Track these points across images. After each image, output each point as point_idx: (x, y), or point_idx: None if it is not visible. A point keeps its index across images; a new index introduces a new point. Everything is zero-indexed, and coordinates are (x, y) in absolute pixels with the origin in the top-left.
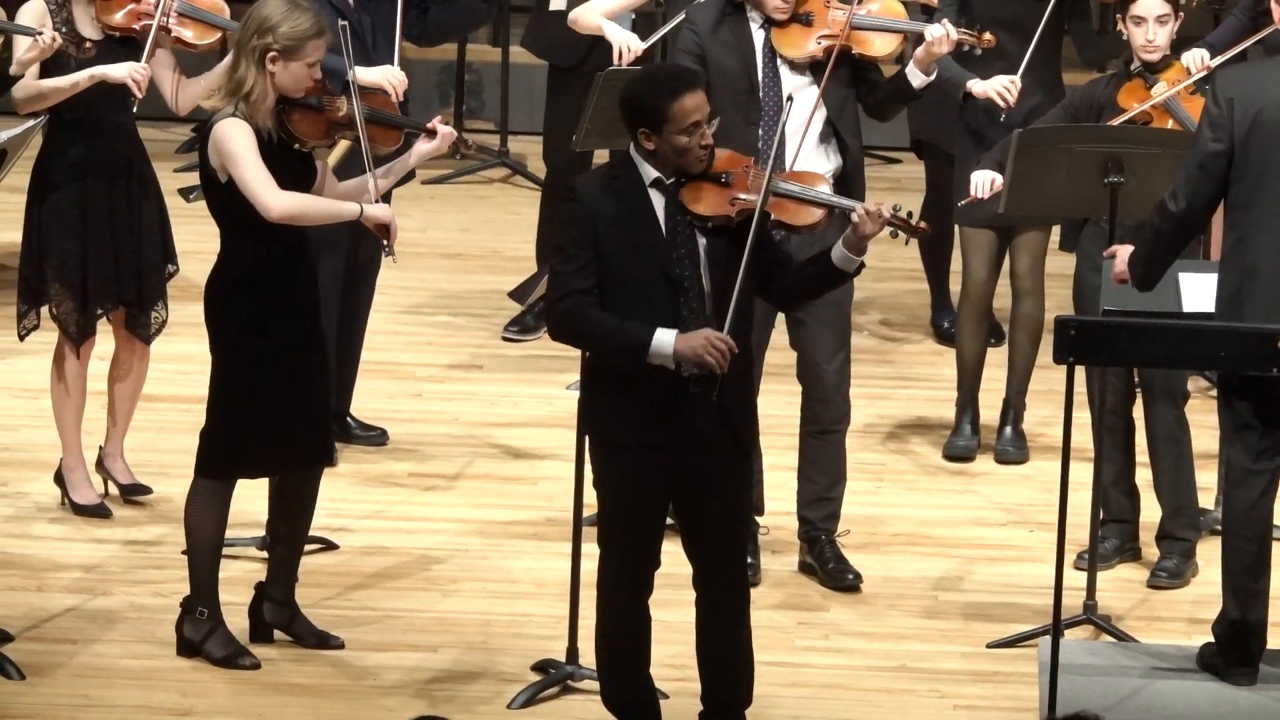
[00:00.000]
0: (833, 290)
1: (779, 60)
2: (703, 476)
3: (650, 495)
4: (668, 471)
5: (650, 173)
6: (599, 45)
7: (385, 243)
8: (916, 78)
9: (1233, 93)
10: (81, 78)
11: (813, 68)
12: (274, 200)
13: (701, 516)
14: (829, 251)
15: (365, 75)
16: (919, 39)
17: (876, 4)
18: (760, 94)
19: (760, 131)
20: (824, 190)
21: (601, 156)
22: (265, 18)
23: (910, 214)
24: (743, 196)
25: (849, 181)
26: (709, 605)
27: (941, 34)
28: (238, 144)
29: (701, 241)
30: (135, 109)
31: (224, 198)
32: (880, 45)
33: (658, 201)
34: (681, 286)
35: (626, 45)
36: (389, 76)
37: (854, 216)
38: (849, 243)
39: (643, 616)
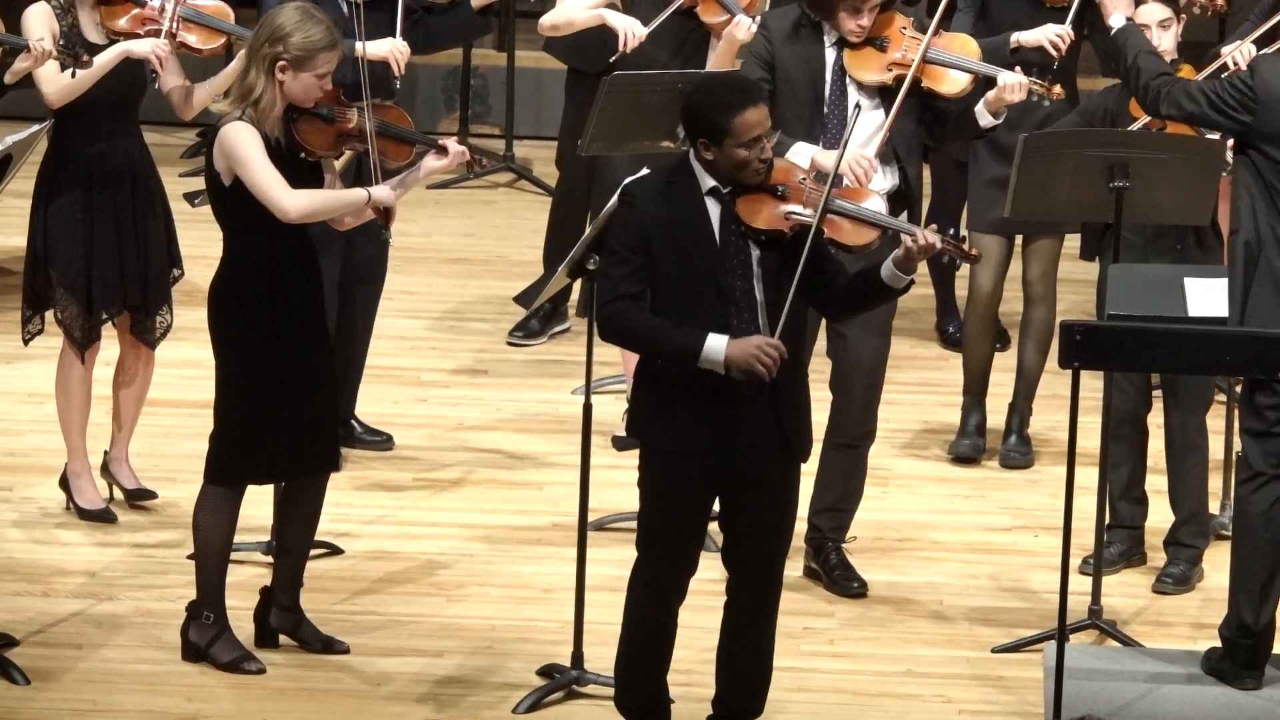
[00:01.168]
0: (880, 305)
1: (848, 80)
2: (750, 482)
3: (693, 500)
4: (713, 477)
5: (707, 181)
6: (626, 51)
7: (384, 227)
8: (984, 119)
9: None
10: (109, 57)
11: (881, 92)
12: (289, 201)
13: (745, 522)
14: (878, 268)
15: (372, 48)
16: (989, 82)
17: (949, 38)
18: (825, 110)
19: (821, 147)
20: (879, 209)
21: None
22: (278, 26)
23: (964, 238)
24: (798, 212)
25: (905, 201)
26: (738, 610)
27: (1015, 82)
28: (247, 147)
29: (754, 253)
30: (155, 84)
31: (228, 200)
32: (950, 83)
33: (713, 210)
34: (732, 297)
35: (630, 31)
36: (394, 48)
37: (907, 241)
38: (898, 262)
39: (671, 623)
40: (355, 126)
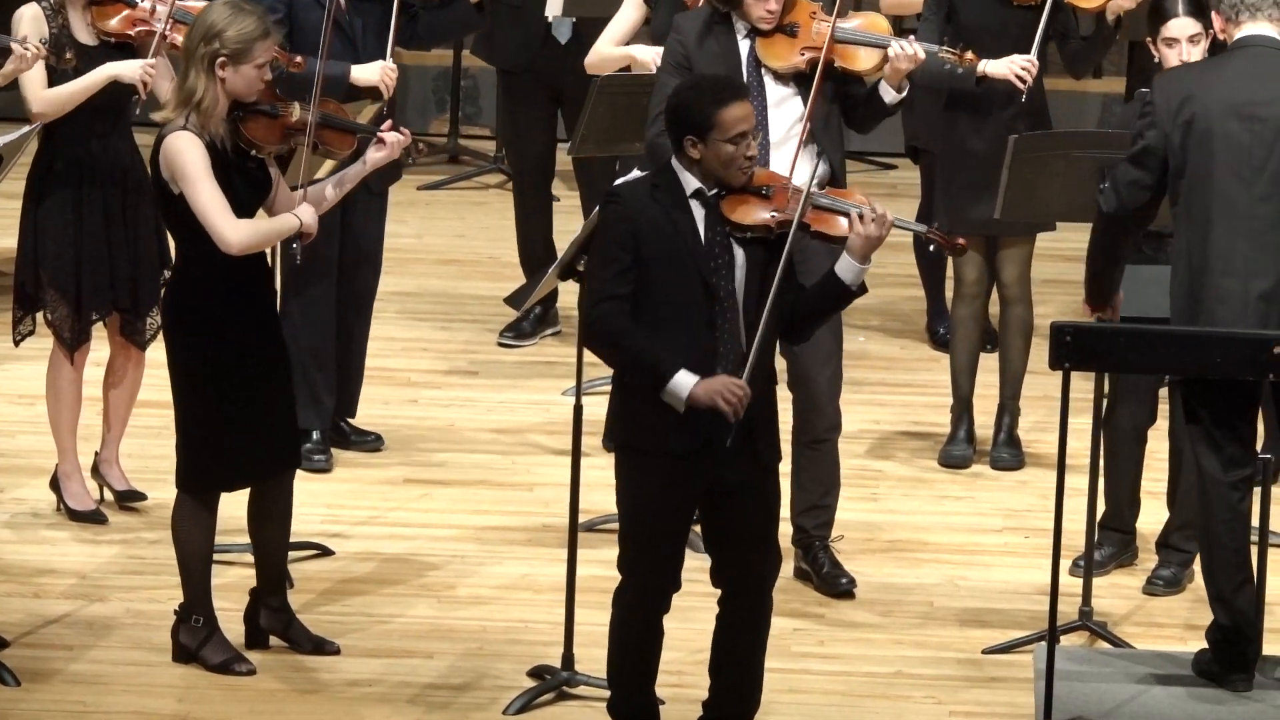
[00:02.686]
0: (840, 310)
1: (763, 70)
2: (729, 489)
3: (674, 506)
4: (693, 483)
5: (692, 183)
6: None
7: (295, 244)
8: (888, 94)
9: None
10: (97, 78)
11: (796, 79)
12: (232, 235)
13: (727, 530)
14: (834, 270)
15: (360, 73)
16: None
17: (860, 19)
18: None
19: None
20: (863, 205)
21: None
22: (211, 24)
23: (949, 231)
24: (782, 209)
25: None
26: (730, 620)
27: (901, 51)
28: (192, 165)
29: (738, 252)
30: (138, 110)
31: (179, 208)
32: (864, 60)
33: (698, 212)
34: (717, 295)
35: (658, 60)
36: (384, 72)
37: (854, 213)
38: (853, 247)
39: (657, 634)
40: (299, 120)
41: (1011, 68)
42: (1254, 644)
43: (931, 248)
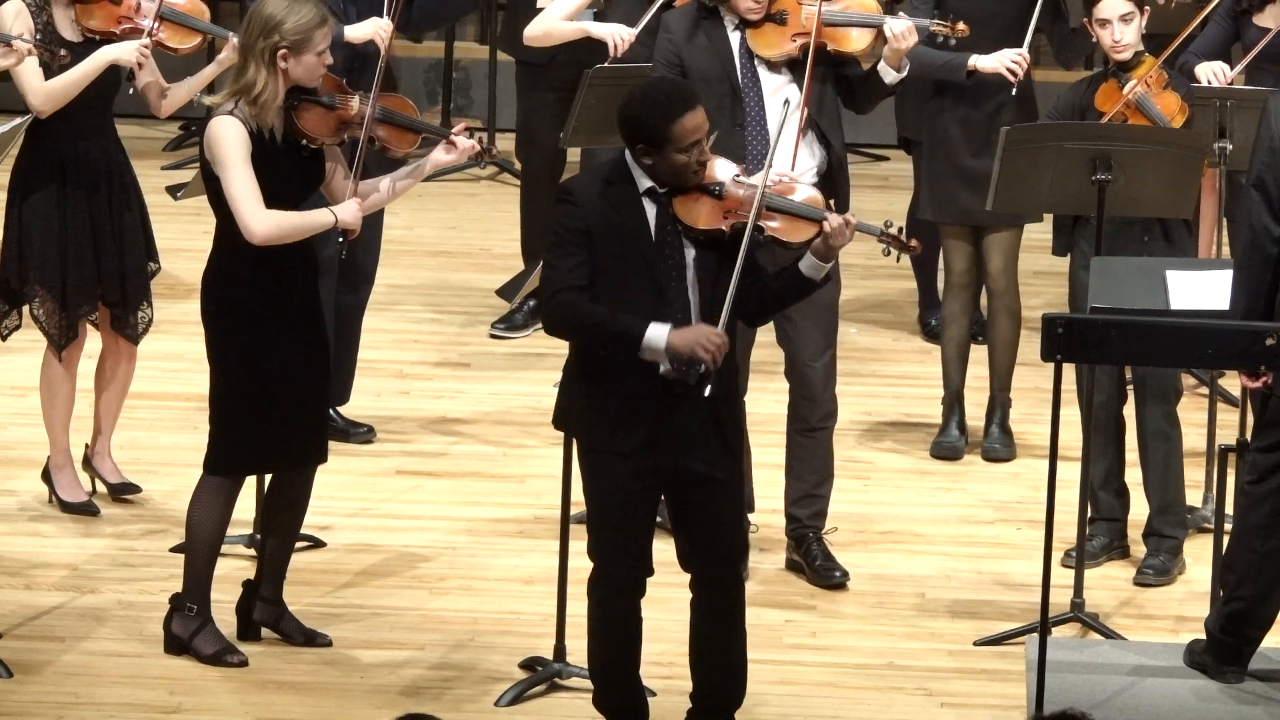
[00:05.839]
0: (803, 299)
1: (756, 61)
2: (693, 478)
3: (637, 499)
4: (655, 475)
5: (644, 182)
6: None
7: (341, 239)
8: (888, 74)
9: None
10: (94, 65)
11: (790, 66)
12: (257, 224)
13: (694, 519)
14: (797, 262)
15: (354, 32)
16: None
17: (847, 0)
18: (743, 96)
19: (746, 134)
20: (811, 195)
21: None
22: (269, 17)
23: (901, 229)
24: (735, 211)
25: (832, 178)
26: (703, 607)
27: (901, 29)
28: (231, 151)
29: (690, 253)
30: (131, 91)
31: (222, 189)
32: (855, 40)
33: (650, 210)
34: (666, 298)
35: (619, 37)
36: (378, 27)
37: (825, 226)
38: (817, 251)
39: (635, 620)
40: (357, 113)
41: (1003, 62)
42: (1252, 641)
43: (885, 251)
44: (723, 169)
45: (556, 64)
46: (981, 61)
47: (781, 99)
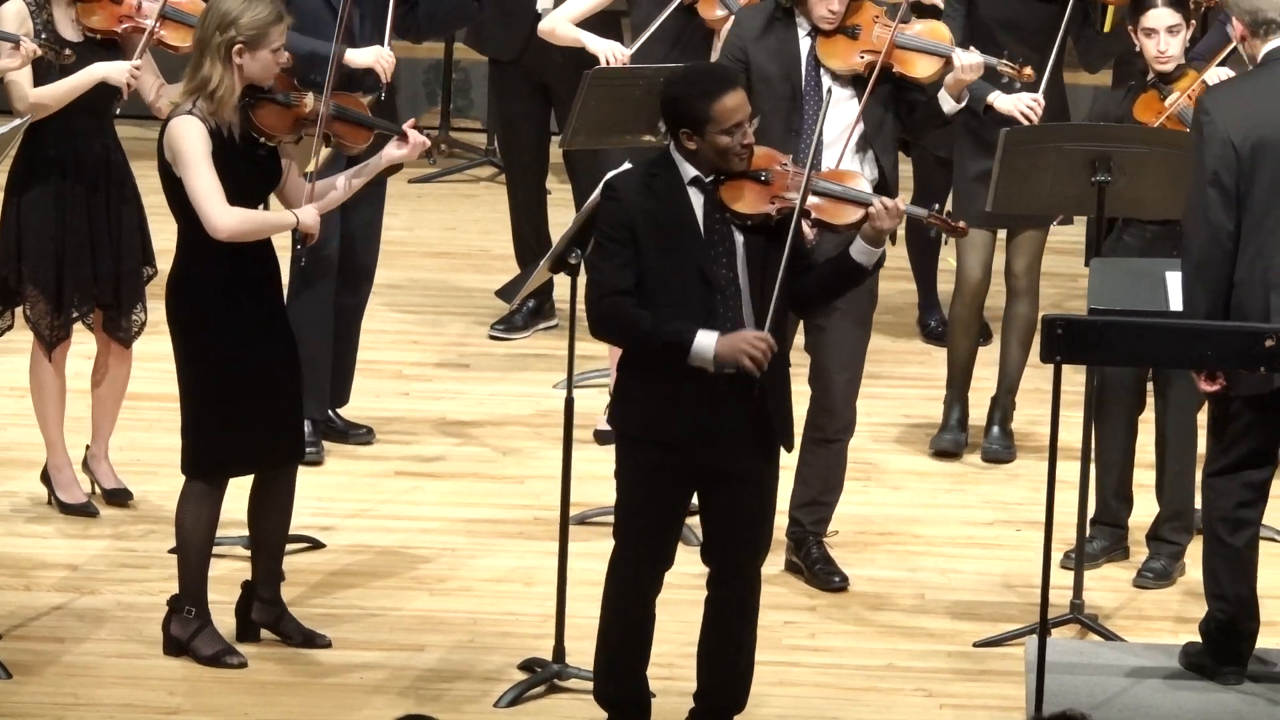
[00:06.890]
0: (854, 289)
1: (822, 70)
2: (729, 477)
3: (669, 492)
4: (690, 471)
5: (689, 171)
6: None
7: (300, 244)
8: (947, 103)
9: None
10: (84, 79)
11: (854, 81)
12: (222, 220)
13: (725, 517)
14: (848, 249)
15: (356, 57)
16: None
17: (922, 25)
18: (803, 102)
19: (801, 141)
20: (864, 188)
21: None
22: (225, 13)
23: (949, 213)
24: (783, 195)
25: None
26: (719, 607)
27: (970, 63)
28: (192, 149)
29: (739, 239)
30: (118, 110)
31: (183, 191)
32: (922, 67)
33: (696, 200)
34: (718, 285)
35: (612, 54)
36: (380, 57)
37: (871, 209)
38: (866, 235)
39: (648, 615)
40: (312, 111)
41: (1018, 105)
42: (1249, 640)
43: (932, 232)
44: (769, 159)
45: (524, 62)
46: (999, 101)
47: (840, 110)
